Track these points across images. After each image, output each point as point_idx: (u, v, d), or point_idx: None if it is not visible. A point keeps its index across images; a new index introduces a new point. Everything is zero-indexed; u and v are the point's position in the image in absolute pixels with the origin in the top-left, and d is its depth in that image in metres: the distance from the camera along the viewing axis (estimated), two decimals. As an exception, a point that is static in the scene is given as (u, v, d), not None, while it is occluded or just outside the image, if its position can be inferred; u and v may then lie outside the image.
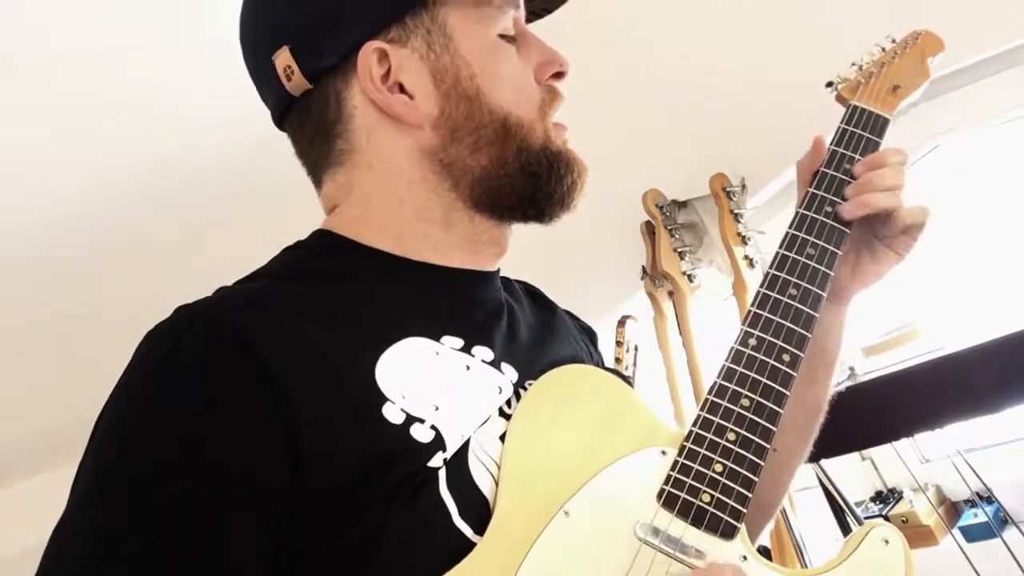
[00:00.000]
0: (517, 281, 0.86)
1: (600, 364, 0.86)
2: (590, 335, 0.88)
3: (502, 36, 0.70)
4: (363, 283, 0.65)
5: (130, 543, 0.50)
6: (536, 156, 0.68)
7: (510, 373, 0.65)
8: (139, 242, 1.76)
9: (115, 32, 1.33)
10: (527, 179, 0.68)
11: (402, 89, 0.67)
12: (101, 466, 0.54)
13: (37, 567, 0.51)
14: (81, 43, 1.32)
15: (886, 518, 2.00)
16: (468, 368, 0.63)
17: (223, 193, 1.69)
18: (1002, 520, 1.82)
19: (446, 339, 0.63)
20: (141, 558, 0.49)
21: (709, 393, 0.63)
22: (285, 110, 0.71)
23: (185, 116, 1.48)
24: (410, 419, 0.57)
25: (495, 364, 0.65)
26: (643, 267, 1.93)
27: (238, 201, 1.68)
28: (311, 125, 0.70)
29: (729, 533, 0.58)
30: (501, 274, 0.78)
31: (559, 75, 0.73)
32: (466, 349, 0.64)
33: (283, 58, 0.66)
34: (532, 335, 0.73)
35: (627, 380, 0.67)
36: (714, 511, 0.58)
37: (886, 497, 2.09)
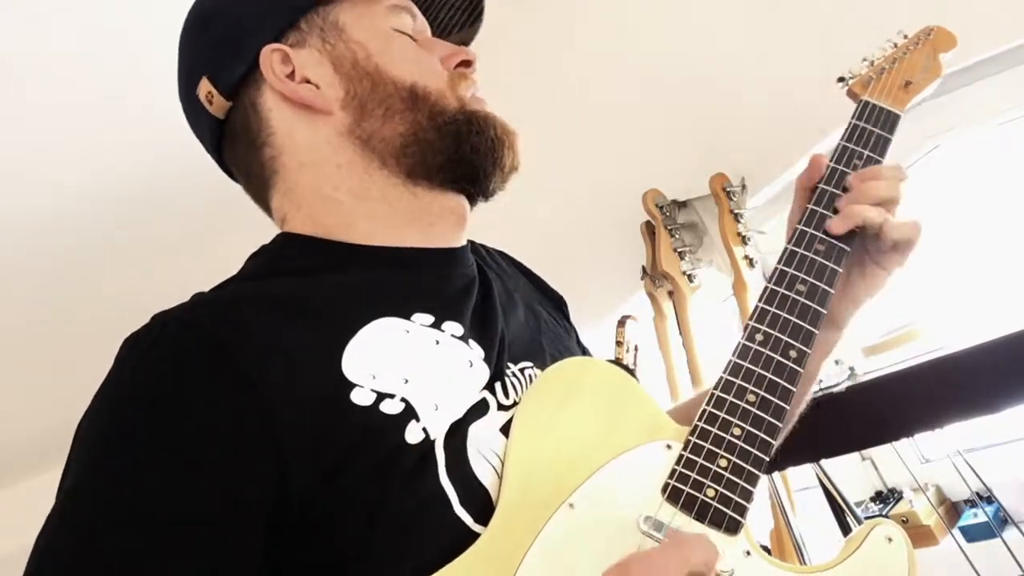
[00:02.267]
0: (499, 252, 0.87)
1: (572, 333, 0.87)
2: (558, 304, 0.89)
3: (397, 31, 0.73)
4: (329, 276, 0.67)
5: (114, 546, 0.50)
6: (452, 116, 0.70)
7: (477, 351, 0.66)
8: (139, 242, 1.76)
9: (116, 32, 1.33)
10: (448, 139, 0.70)
11: (308, 83, 0.70)
12: (84, 471, 0.54)
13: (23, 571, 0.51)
14: (82, 43, 1.32)
15: (886, 518, 2.00)
16: (437, 343, 0.64)
17: (223, 193, 1.69)
18: (1002, 520, 1.82)
19: (416, 316, 0.64)
20: (126, 561, 0.49)
21: (715, 388, 0.63)
22: (219, 143, 0.74)
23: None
24: (380, 397, 0.57)
25: (464, 339, 0.65)
26: (643, 267, 1.93)
27: (238, 201, 1.68)
28: (241, 143, 0.73)
29: (733, 528, 0.58)
30: (483, 244, 0.78)
31: (467, 64, 0.75)
32: (436, 325, 0.64)
33: (204, 87, 0.72)
34: (503, 314, 0.73)
35: (631, 372, 0.67)
36: (718, 506, 0.58)
37: (886, 497, 2.09)
